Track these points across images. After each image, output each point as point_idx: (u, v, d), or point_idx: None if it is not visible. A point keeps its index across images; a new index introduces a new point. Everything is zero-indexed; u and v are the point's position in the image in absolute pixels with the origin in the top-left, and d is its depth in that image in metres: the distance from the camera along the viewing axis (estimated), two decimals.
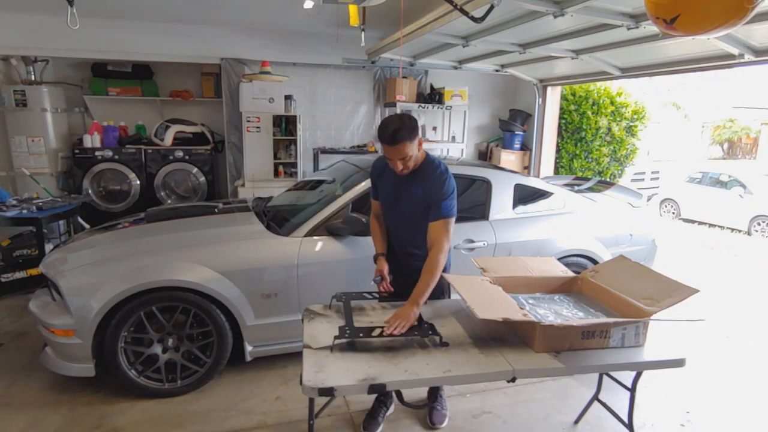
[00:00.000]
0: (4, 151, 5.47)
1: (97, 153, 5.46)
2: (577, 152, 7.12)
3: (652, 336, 2.01)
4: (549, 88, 6.62)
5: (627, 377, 2.29)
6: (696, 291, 1.95)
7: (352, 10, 4.08)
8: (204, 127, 6.03)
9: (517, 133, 6.86)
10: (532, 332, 1.91)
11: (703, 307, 4.45)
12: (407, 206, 2.34)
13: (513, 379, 1.81)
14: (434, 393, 2.71)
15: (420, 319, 2.09)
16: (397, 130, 2.11)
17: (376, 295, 2.34)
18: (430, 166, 2.29)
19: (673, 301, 1.95)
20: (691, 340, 3.77)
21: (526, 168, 6.99)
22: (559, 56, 4.93)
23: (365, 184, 3.16)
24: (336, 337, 1.87)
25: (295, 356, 2.98)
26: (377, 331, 1.92)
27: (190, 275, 2.72)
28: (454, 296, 2.49)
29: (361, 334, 1.91)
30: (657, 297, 2.01)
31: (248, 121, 5.47)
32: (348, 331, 1.91)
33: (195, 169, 5.81)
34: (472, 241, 3.26)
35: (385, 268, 2.38)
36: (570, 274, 2.49)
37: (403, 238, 2.44)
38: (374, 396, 2.62)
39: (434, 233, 2.23)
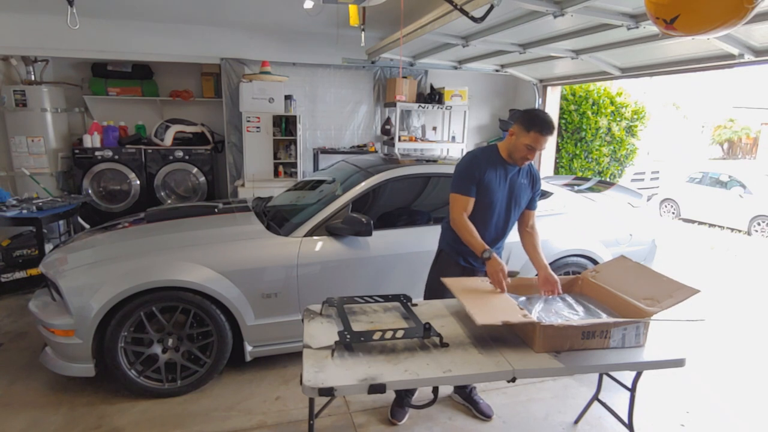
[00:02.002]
0: (4, 151, 5.47)
1: (97, 153, 5.46)
2: (577, 152, 7.12)
3: (653, 336, 2.01)
4: (549, 88, 6.61)
5: (627, 377, 2.29)
6: (697, 291, 1.95)
7: (352, 10, 4.08)
8: (204, 127, 6.03)
9: None
10: (532, 332, 1.91)
11: (703, 307, 4.45)
12: (517, 197, 2.48)
13: (513, 379, 1.81)
14: (465, 390, 2.77)
15: (419, 319, 2.09)
16: (553, 123, 2.30)
17: (368, 299, 2.33)
18: None
19: (674, 302, 1.95)
20: (691, 340, 3.77)
21: None
22: (559, 56, 4.93)
23: (365, 184, 3.16)
24: (336, 343, 1.86)
25: (295, 356, 2.99)
26: (378, 335, 1.91)
27: (190, 275, 2.72)
28: None
29: (362, 338, 1.91)
30: (658, 297, 2.01)
31: (248, 121, 5.47)
32: (348, 336, 1.90)
33: (195, 169, 5.81)
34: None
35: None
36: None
37: (499, 231, 2.50)
38: (374, 395, 2.62)
39: (533, 219, 2.57)
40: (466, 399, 2.77)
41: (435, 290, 2.56)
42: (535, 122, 2.26)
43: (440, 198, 3.29)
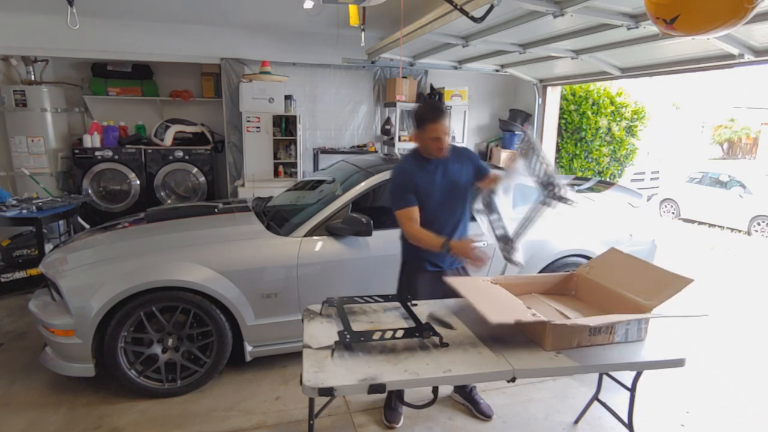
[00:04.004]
0: (4, 151, 5.47)
1: (97, 153, 5.46)
2: (577, 152, 7.12)
3: (653, 336, 2.01)
4: (549, 88, 6.61)
5: (627, 377, 2.29)
6: (690, 281, 1.96)
7: (352, 10, 4.08)
8: (204, 127, 6.03)
9: (516, 133, 6.86)
10: (542, 331, 1.91)
11: (704, 307, 4.45)
12: (457, 185, 2.46)
13: (513, 379, 1.81)
14: (465, 389, 2.77)
15: (419, 319, 2.09)
16: (442, 107, 2.36)
17: (368, 299, 2.33)
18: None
19: (670, 294, 1.96)
20: (692, 340, 3.77)
21: None
22: (559, 56, 4.93)
23: (365, 184, 3.16)
24: (336, 343, 1.86)
25: (295, 356, 2.99)
26: (377, 335, 1.91)
27: (190, 275, 2.73)
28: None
29: (362, 338, 1.91)
30: (653, 290, 2.02)
31: (248, 121, 5.48)
32: (348, 336, 1.90)
33: (195, 169, 5.82)
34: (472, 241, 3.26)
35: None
36: None
37: (452, 223, 2.48)
38: (374, 396, 2.62)
39: (495, 176, 2.52)
40: (466, 399, 2.77)
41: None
42: (423, 117, 2.32)
43: None
